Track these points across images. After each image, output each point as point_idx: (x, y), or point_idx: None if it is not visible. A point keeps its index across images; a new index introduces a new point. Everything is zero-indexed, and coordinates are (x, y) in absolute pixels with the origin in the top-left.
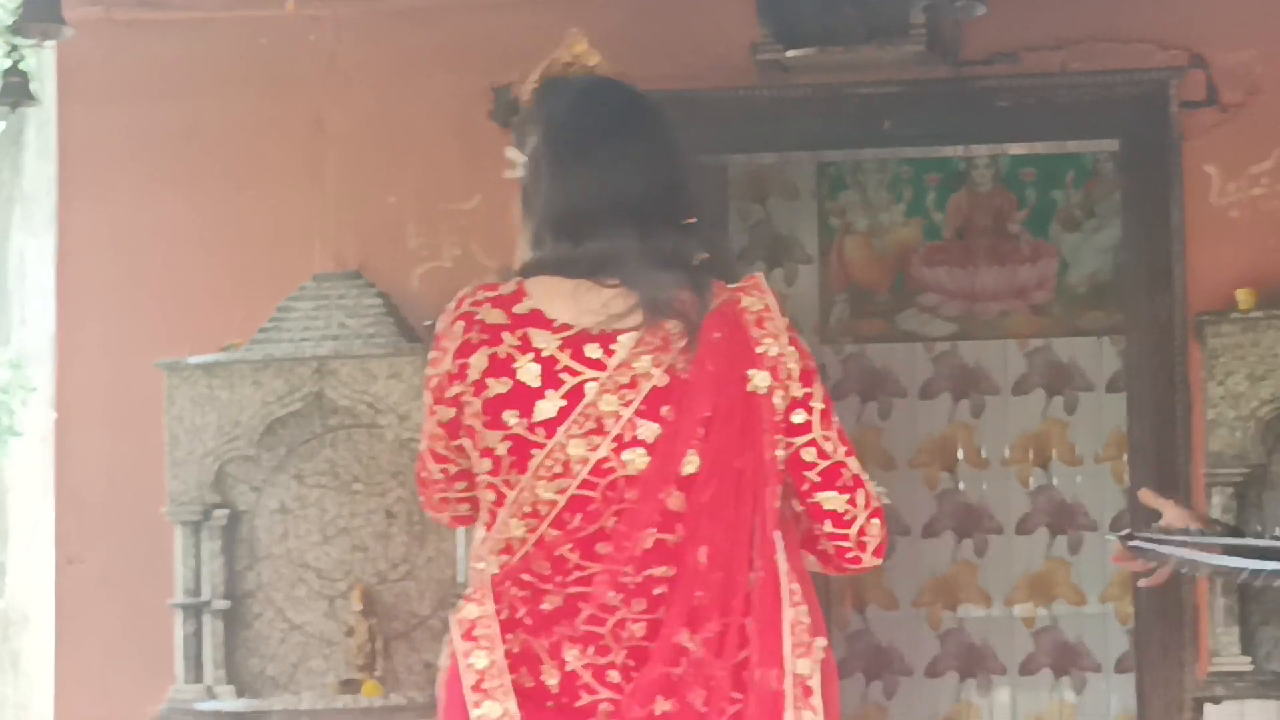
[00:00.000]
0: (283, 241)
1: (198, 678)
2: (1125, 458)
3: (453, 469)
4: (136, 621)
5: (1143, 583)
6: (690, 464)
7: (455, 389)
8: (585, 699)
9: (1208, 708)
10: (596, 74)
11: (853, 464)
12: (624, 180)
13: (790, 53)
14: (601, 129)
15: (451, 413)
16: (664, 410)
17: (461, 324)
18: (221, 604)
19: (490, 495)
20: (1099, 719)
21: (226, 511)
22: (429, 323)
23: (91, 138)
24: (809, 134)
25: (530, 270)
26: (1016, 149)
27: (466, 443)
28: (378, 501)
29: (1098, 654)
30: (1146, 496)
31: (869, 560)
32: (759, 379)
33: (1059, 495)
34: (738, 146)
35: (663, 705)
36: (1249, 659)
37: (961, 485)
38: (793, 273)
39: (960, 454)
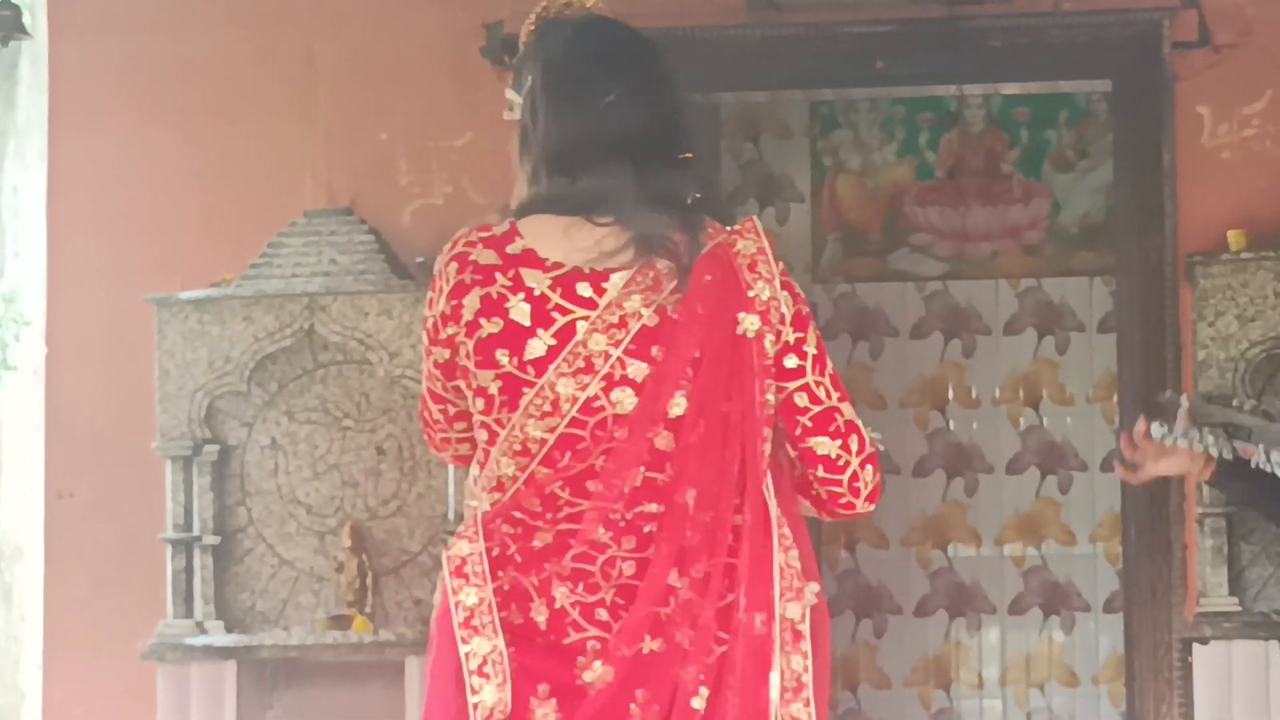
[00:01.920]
0: (274, 177)
1: (188, 612)
2: (1116, 398)
3: (451, 410)
4: (127, 556)
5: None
6: (678, 406)
7: (449, 330)
8: (573, 636)
9: (1195, 648)
10: (594, 14)
11: (846, 410)
12: (621, 115)
13: None
14: (599, 65)
15: (446, 354)
16: (654, 350)
17: (455, 265)
18: (211, 539)
19: (484, 434)
20: (1087, 659)
21: (217, 447)
22: (420, 259)
23: (83, 71)
24: (801, 73)
25: (525, 209)
26: (1009, 89)
27: (461, 383)
28: (368, 438)
29: (1087, 594)
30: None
31: (862, 506)
32: (749, 322)
33: (1049, 435)
34: (730, 85)
35: (650, 644)
36: (1236, 600)
37: (952, 425)
38: (784, 212)
39: (951, 394)
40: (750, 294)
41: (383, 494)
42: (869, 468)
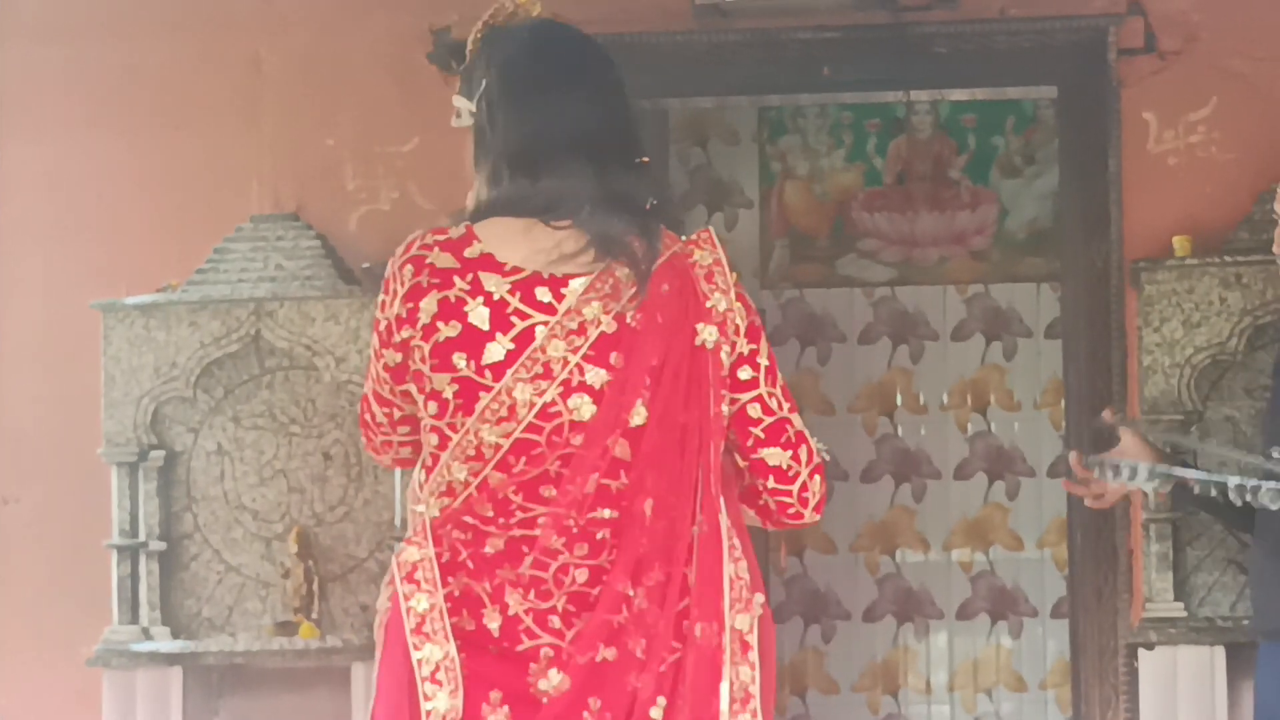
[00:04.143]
0: (220, 182)
1: (133, 619)
2: (1063, 404)
3: (397, 414)
4: (72, 562)
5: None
6: (638, 415)
7: (404, 333)
8: (526, 643)
9: (1141, 653)
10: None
11: (796, 421)
12: (580, 117)
13: None
14: (555, 66)
15: (399, 357)
16: (612, 358)
17: (411, 268)
18: (157, 545)
19: (434, 439)
20: (1035, 664)
21: (163, 453)
22: (367, 265)
23: (29, 76)
24: (748, 79)
25: (482, 212)
26: (956, 95)
27: (412, 387)
28: (315, 443)
29: (1034, 599)
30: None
31: (810, 516)
32: (707, 333)
33: (997, 441)
34: (677, 90)
35: (604, 652)
36: (1182, 605)
37: (900, 431)
38: (733, 217)
39: (899, 399)
40: (708, 304)
41: (329, 500)
42: (817, 478)
